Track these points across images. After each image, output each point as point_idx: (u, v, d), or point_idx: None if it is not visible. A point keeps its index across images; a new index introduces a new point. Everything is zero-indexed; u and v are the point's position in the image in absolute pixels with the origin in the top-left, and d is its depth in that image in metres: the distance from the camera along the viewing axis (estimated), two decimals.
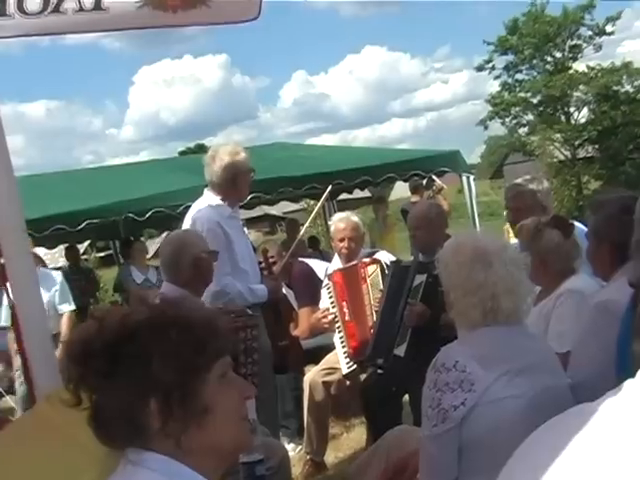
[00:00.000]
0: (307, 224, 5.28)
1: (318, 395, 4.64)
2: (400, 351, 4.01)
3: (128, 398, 1.28)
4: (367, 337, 4.44)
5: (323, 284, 4.84)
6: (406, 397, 4.20)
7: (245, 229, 4.78)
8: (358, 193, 11.38)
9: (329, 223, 5.13)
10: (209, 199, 4.19)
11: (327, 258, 6.26)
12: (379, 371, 4.24)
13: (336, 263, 5.01)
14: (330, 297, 4.72)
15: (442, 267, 2.36)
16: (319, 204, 5.19)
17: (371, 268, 4.66)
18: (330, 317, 4.67)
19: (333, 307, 4.69)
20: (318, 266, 5.33)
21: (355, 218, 4.99)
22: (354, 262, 4.76)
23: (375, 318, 4.45)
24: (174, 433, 1.30)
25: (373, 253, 5.00)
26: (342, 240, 4.86)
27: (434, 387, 2.11)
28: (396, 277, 4.27)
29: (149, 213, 7.28)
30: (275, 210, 34.29)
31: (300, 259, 5.52)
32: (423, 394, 2.16)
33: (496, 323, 2.20)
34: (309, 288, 5.12)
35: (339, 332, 4.64)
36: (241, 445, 1.42)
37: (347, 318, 4.63)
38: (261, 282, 4.25)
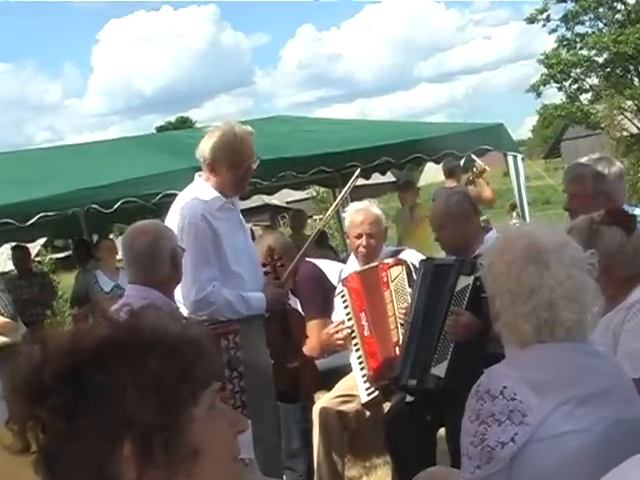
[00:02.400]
0: (325, 219, 5.25)
1: (331, 428, 4.65)
2: (439, 371, 4.02)
3: (95, 442, 1.26)
4: (391, 356, 4.46)
5: (337, 291, 4.85)
6: (442, 431, 4.20)
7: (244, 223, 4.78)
8: (378, 178, 11.39)
9: (343, 215, 5.13)
10: (198, 187, 4.22)
11: (340, 257, 6.26)
12: (408, 398, 4.25)
13: (352, 265, 5.01)
14: (345, 307, 4.73)
15: (486, 267, 2.35)
16: (343, 192, 5.16)
17: (395, 270, 4.67)
18: (345, 332, 4.67)
19: (349, 319, 4.70)
20: (329, 268, 5.33)
21: (375, 209, 4.99)
22: (374, 263, 4.76)
23: (400, 332, 4.48)
24: None
25: (398, 252, 5.01)
26: (359, 237, 4.87)
27: (476, 419, 2.10)
28: (431, 278, 4.28)
29: (118, 204, 7.30)
30: (276, 199, 34.42)
31: (307, 259, 5.53)
32: (463, 427, 2.16)
33: (554, 339, 2.19)
34: (318, 295, 5.13)
35: (356, 350, 4.66)
36: None
37: (366, 333, 4.64)
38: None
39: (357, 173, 5.15)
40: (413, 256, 4.87)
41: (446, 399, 3.79)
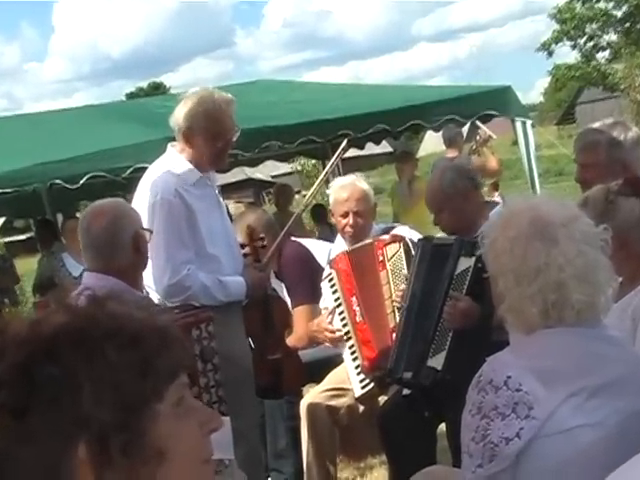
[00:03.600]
0: (310, 194, 5.25)
1: (321, 426, 4.66)
2: (436, 362, 4.01)
3: (47, 443, 1.25)
4: (387, 344, 4.45)
5: (324, 275, 4.85)
6: (443, 427, 4.21)
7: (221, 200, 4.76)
8: (373, 148, 11.38)
9: (327, 192, 5.13)
10: (171, 159, 4.20)
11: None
12: (405, 391, 4.26)
13: (340, 245, 5.01)
14: (334, 292, 4.72)
15: (488, 245, 2.35)
16: (331, 163, 5.14)
17: (391, 248, 4.66)
18: (337, 334, 4.68)
19: (338, 305, 4.69)
20: (318, 248, 5.33)
21: (362, 184, 5.01)
22: (368, 240, 4.76)
23: (398, 317, 4.46)
24: None
25: (389, 229, 5.01)
26: (345, 215, 4.89)
27: (478, 413, 2.10)
28: (429, 260, 4.28)
29: (84, 179, 7.29)
30: (260, 173, 34.42)
31: (292, 238, 5.51)
32: (463, 422, 2.16)
33: (563, 323, 2.19)
34: (305, 279, 5.12)
35: (348, 339, 4.66)
36: None
37: (358, 319, 4.64)
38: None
39: (345, 142, 5.13)
40: (409, 233, 4.86)
41: (445, 393, 3.80)
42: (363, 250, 4.72)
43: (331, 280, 4.75)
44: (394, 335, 4.41)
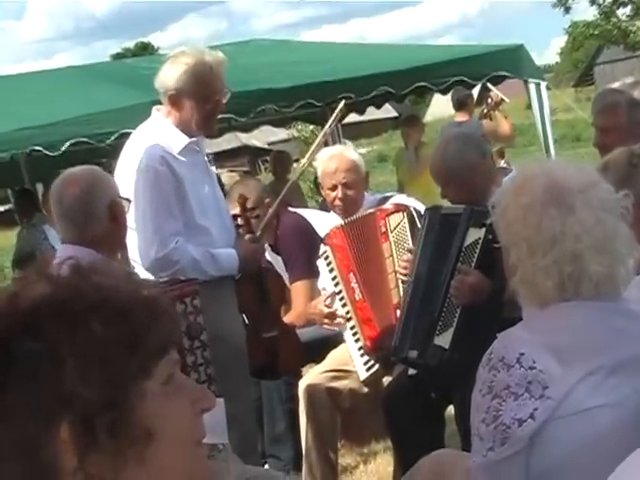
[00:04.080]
0: (306, 160, 5.25)
1: (322, 409, 4.67)
2: (443, 341, 4.01)
3: (26, 423, 1.25)
4: (391, 321, 4.46)
5: (320, 252, 4.85)
6: (451, 410, 4.23)
7: (213, 168, 4.75)
8: (376, 113, 11.34)
9: (314, 164, 5.12)
10: (157, 124, 4.18)
11: None
12: (411, 372, 4.27)
13: (333, 219, 4.99)
14: (331, 270, 4.71)
15: (499, 213, 2.34)
16: (327, 126, 5.12)
17: (395, 218, 4.66)
18: (328, 301, 4.69)
19: (336, 284, 4.69)
20: (318, 219, 5.32)
21: (352, 153, 5.01)
22: (370, 210, 4.76)
23: (403, 292, 4.47)
24: (100, 474, 1.27)
25: (386, 199, 4.99)
26: (334, 188, 4.89)
27: (489, 392, 2.11)
28: (436, 230, 4.27)
29: (66, 146, 7.24)
30: (256, 140, 34.35)
31: (291, 209, 5.50)
32: (473, 403, 2.17)
33: (580, 296, 2.19)
34: (305, 252, 5.12)
35: (349, 319, 4.68)
36: None
37: (358, 296, 4.65)
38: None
39: (342, 104, 5.07)
40: (411, 203, 4.86)
41: (453, 372, 3.81)
42: (363, 221, 4.72)
43: (327, 258, 4.75)
44: (398, 311, 4.42)
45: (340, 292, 4.70)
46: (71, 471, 1.26)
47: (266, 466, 4.97)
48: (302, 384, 4.74)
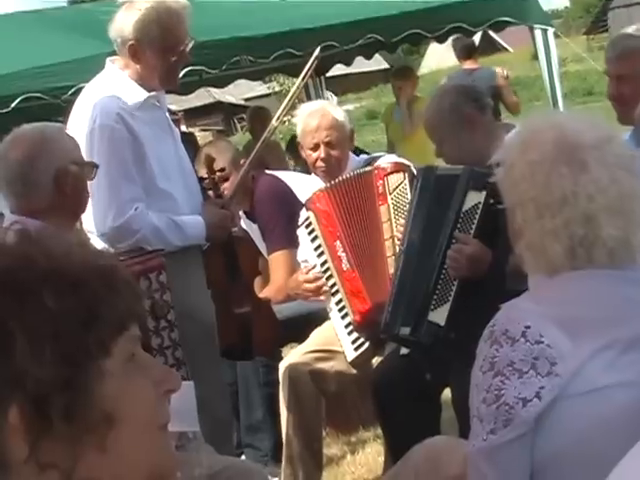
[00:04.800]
0: (281, 111, 5.23)
1: (304, 393, 4.66)
2: (439, 317, 4.01)
3: None
4: (385, 293, 4.38)
5: (300, 220, 4.82)
6: (448, 393, 4.23)
7: (183, 127, 4.70)
8: (364, 65, 11.30)
9: (293, 120, 5.11)
10: (111, 77, 4.16)
11: None
12: (403, 351, 4.27)
13: (315, 183, 4.97)
14: (313, 239, 4.68)
15: (504, 172, 2.34)
16: (300, 77, 5.08)
17: (394, 178, 4.63)
18: (313, 276, 4.67)
19: (319, 255, 4.66)
20: (298, 182, 5.31)
21: (335, 110, 5.00)
22: (366, 168, 4.75)
23: (395, 263, 4.43)
24: (55, 463, 1.27)
25: (373, 160, 4.97)
26: (316, 148, 4.88)
27: (490, 369, 2.11)
28: (431, 193, 4.24)
29: (17, 102, 7.26)
30: (230, 95, 34.27)
31: (268, 171, 5.49)
32: (472, 381, 2.17)
33: (592, 264, 2.19)
34: (283, 219, 5.13)
35: (335, 293, 4.64)
36: (159, 474, 1.40)
37: (345, 266, 4.60)
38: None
39: (317, 52, 5.00)
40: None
41: (450, 352, 3.82)
42: (356, 181, 4.68)
43: (308, 225, 4.73)
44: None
45: (325, 263, 4.67)
46: (22, 460, 1.26)
47: (242, 457, 5.00)
48: (282, 366, 4.73)
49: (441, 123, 4.31)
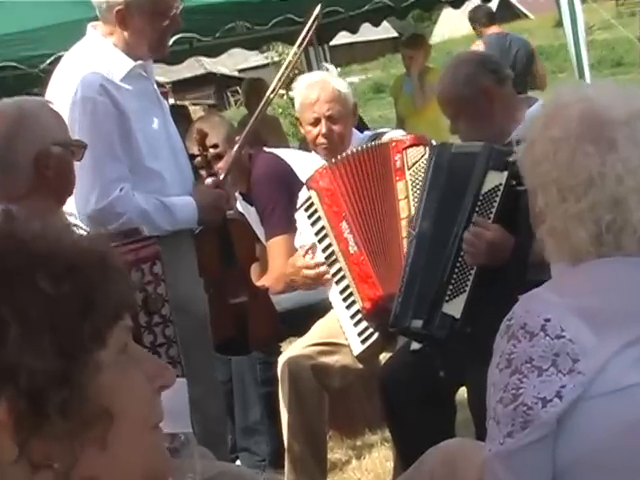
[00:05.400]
0: (277, 81, 5.20)
1: (306, 392, 4.66)
2: (454, 309, 4.00)
3: None
4: (399, 277, 4.31)
5: (299, 202, 4.80)
6: (463, 392, 4.26)
7: (171, 101, 4.68)
8: (370, 33, 11.27)
9: (291, 94, 5.11)
10: (93, 45, 4.16)
11: None
12: (414, 346, 4.26)
13: (316, 162, 4.99)
14: (314, 222, 4.65)
15: (524, 149, 2.35)
16: (301, 37, 5.04)
17: (414, 153, 4.57)
18: (313, 262, 4.63)
19: (322, 239, 4.63)
20: (300, 161, 5.28)
21: (336, 81, 5.00)
22: (382, 140, 4.71)
23: (407, 247, 4.36)
24: (50, 464, 1.27)
25: (379, 135, 4.96)
26: (316, 123, 4.88)
27: (507, 366, 2.12)
28: (446, 173, 4.21)
29: None
30: (223, 66, 34.18)
31: (267, 149, 5.48)
32: (489, 380, 2.18)
33: (620, 251, 2.19)
34: (283, 201, 5.09)
35: (339, 281, 4.61)
36: (153, 477, 1.41)
37: (352, 250, 4.54)
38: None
39: (317, 10, 4.96)
40: None
41: (467, 347, 3.82)
42: (369, 155, 4.63)
43: (309, 207, 4.69)
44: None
45: (328, 247, 4.63)
46: (10, 460, 1.26)
47: (237, 462, 4.99)
48: (281, 361, 4.71)
49: (456, 96, 4.29)
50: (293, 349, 4.80)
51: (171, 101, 13.33)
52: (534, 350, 2.09)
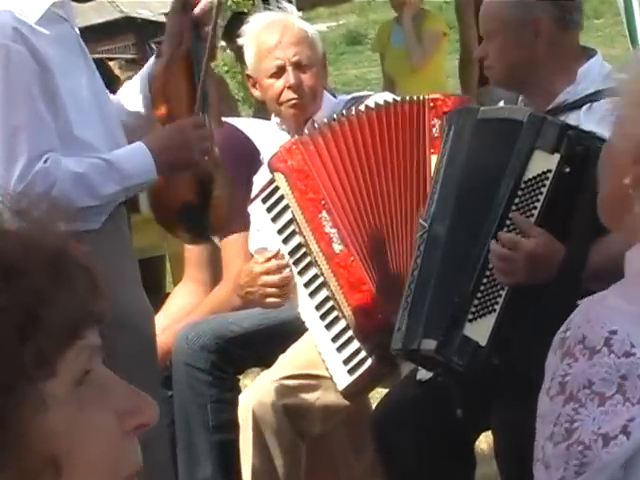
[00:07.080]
0: (213, 22, 5.14)
1: (277, 441, 4.67)
2: (478, 332, 3.84)
3: None
4: (400, 288, 4.24)
5: (255, 188, 4.78)
6: (485, 439, 4.30)
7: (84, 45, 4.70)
8: None
9: (239, 41, 5.06)
10: None
11: None
12: (421, 374, 4.23)
13: (274, 137, 4.97)
14: (280, 212, 4.61)
15: (627, 104, 2.40)
16: None
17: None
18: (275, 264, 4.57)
19: (288, 238, 4.59)
20: (260, 133, 5.26)
21: (300, 21, 5.02)
22: (413, 96, 4.65)
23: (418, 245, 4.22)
24: None
25: (363, 97, 4.95)
26: (278, 73, 4.81)
27: (560, 392, 2.18)
28: (473, 147, 4.08)
29: None
30: (145, 9, 34.10)
31: (223, 119, 5.48)
32: (539, 410, 2.23)
33: None
34: (246, 187, 5.07)
35: (314, 291, 4.58)
36: None
37: (337, 248, 4.47)
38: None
39: None
40: None
41: (493, 381, 3.80)
42: (392, 113, 4.56)
43: (270, 195, 4.65)
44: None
45: (299, 248, 4.60)
46: None
47: None
48: (244, 400, 4.70)
49: (497, 12, 4.24)
50: (258, 385, 4.77)
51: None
52: (595, 371, 2.13)
